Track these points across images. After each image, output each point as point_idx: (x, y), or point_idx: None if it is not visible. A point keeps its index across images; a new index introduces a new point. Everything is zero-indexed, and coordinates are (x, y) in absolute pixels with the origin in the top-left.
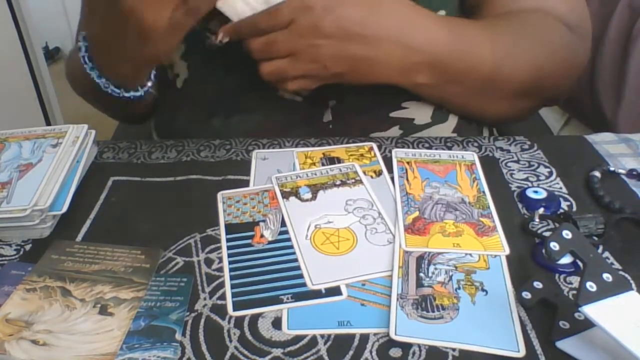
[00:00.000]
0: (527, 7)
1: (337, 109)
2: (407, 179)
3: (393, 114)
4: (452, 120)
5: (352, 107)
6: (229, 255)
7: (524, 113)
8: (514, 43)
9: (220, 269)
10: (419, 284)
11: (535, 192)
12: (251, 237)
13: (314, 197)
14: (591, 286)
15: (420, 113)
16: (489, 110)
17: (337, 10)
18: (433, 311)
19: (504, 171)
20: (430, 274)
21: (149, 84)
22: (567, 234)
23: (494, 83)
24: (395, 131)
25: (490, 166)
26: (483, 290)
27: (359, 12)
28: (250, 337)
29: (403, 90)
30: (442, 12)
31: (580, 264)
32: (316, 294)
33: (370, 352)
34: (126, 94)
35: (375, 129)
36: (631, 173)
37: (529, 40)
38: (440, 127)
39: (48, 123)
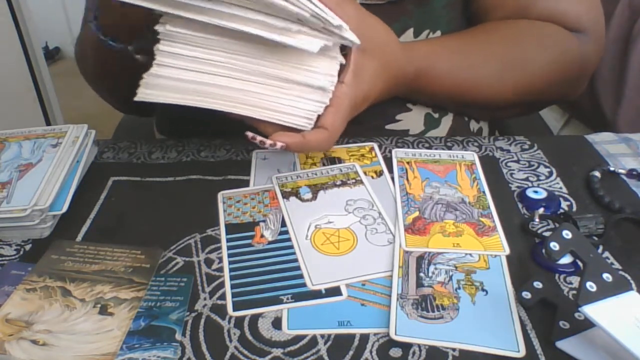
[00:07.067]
0: (539, 13)
1: None
2: (407, 179)
3: (389, 126)
4: (445, 125)
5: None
6: (229, 256)
7: (530, 112)
8: (521, 55)
9: (220, 269)
10: (419, 284)
11: (535, 192)
12: (251, 237)
13: (314, 197)
14: (591, 286)
15: (413, 124)
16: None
17: None
18: (433, 311)
19: (504, 171)
20: (430, 274)
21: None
22: (567, 234)
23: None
24: None
25: (491, 166)
26: (483, 290)
27: None
28: (250, 337)
29: (396, 103)
30: (438, 32)
31: (580, 264)
32: (316, 294)
33: (370, 352)
34: (116, 44)
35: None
36: (631, 173)
37: (539, 50)
38: (433, 133)
39: (48, 123)
